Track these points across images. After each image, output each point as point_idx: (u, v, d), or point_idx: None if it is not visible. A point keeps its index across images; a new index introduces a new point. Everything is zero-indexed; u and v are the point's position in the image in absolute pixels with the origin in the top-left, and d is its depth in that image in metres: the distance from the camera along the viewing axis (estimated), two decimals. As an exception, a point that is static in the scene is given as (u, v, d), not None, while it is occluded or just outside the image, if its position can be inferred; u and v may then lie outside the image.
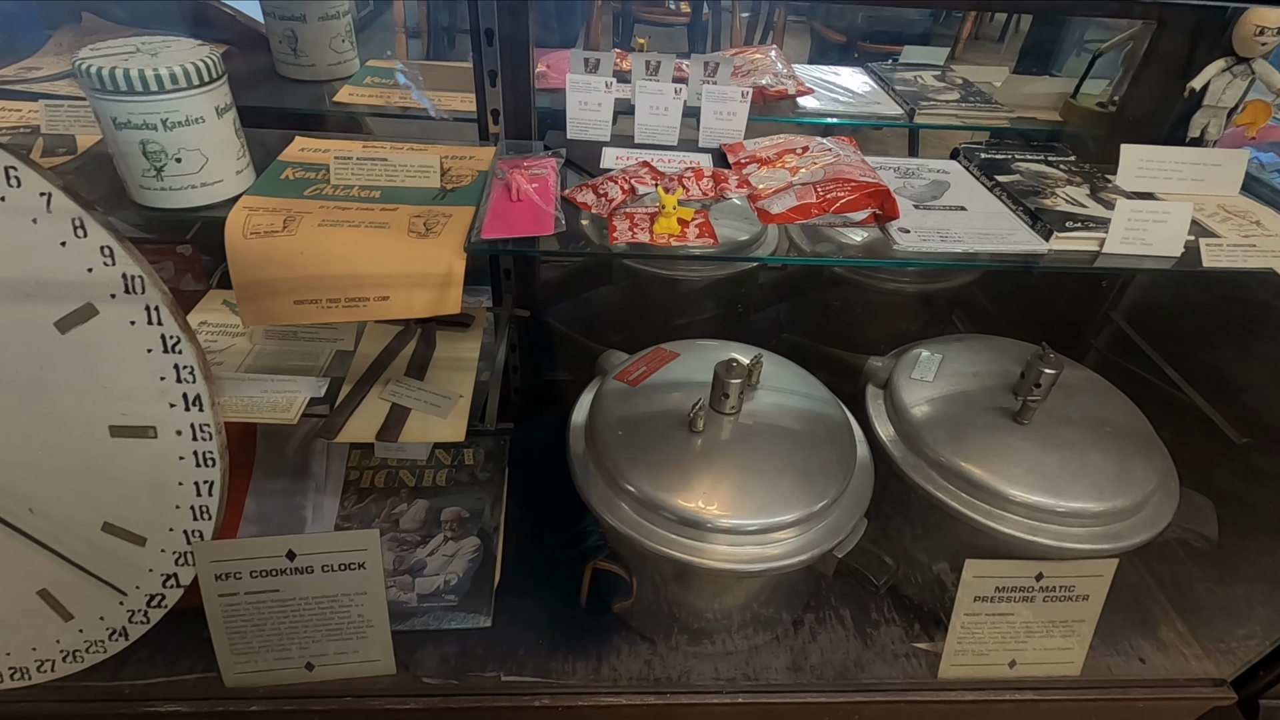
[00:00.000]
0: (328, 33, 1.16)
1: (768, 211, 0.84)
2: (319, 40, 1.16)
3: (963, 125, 1.24)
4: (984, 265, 0.82)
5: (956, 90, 1.33)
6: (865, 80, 1.40)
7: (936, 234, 0.86)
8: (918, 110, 1.23)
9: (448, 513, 1.21)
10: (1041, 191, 0.96)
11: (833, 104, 1.26)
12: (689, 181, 0.89)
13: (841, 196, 0.84)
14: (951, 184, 1.01)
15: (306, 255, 0.79)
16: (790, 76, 1.25)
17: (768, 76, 1.23)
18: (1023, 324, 1.34)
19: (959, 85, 1.36)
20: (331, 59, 1.19)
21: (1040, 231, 0.88)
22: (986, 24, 5.37)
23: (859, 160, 0.93)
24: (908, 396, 1.08)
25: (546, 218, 0.82)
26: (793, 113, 1.24)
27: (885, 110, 1.25)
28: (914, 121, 1.24)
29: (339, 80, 1.21)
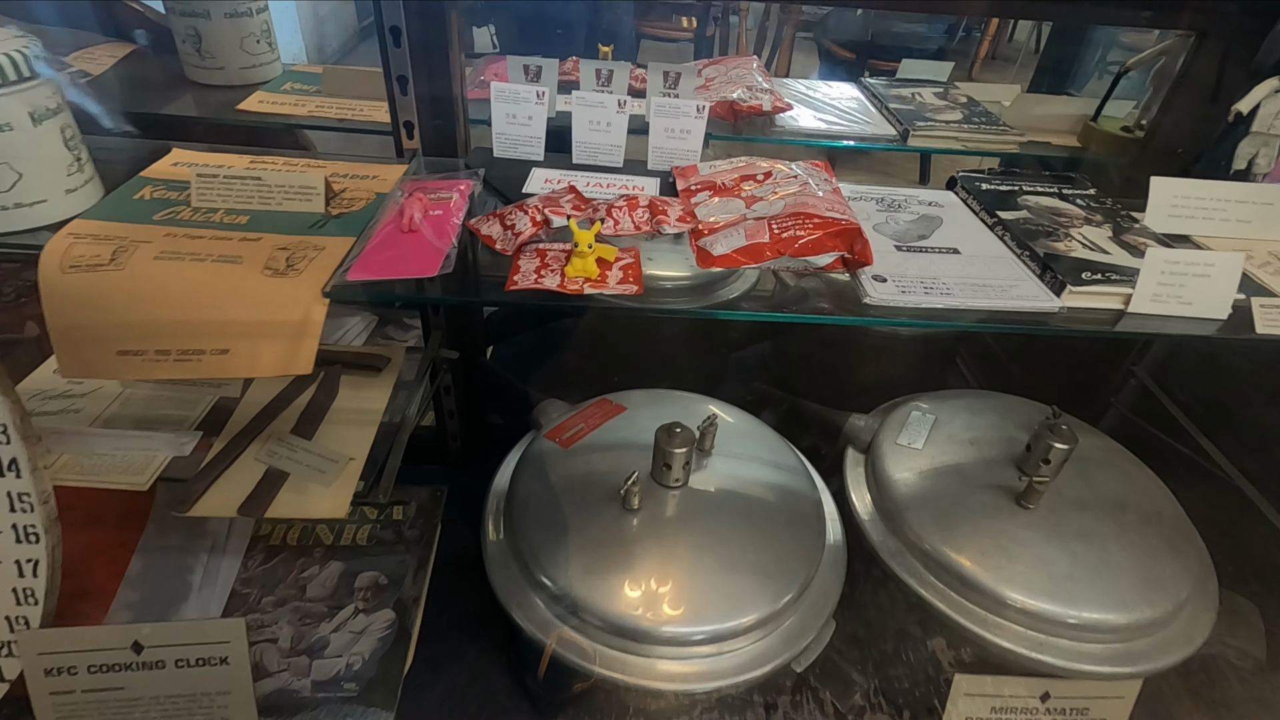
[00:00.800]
0: (238, 32, 1.02)
1: (709, 252, 0.68)
2: (227, 40, 1.02)
3: (964, 149, 1.08)
4: (974, 327, 0.65)
5: (959, 109, 1.17)
6: (856, 96, 1.24)
7: (919, 284, 0.70)
8: (912, 131, 1.07)
9: (364, 578, 1.05)
10: (1054, 232, 0.79)
11: (814, 122, 1.10)
12: (620, 212, 0.73)
13: (801, 235, 0.67)
14: (945, 220, 0.84)
15: (135, 295, 0.64)
16: (767, 90, 1.09)
17: (740, 90, 1.08)
18: (1036, 372, 1.17)
19: (962, 104, 1.19)
20: (243, 61, 1.05)
21: (1050, 284, 0.71)
22: (1005, 44, 5.20)
23: (830, 190, 0.77)
24: (892, 466, 0.91)
25: (434, 255, 0.67)
26: (768, 131, 1.08)
27: (875, 130, 1.09)
28: (907, 144, 1.07)
29: (254, 86, 1.07)
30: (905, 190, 0.91)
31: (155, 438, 0.82)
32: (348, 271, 0.64)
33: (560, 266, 0.68)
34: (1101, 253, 0.76)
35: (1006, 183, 0.91)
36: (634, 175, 0.88)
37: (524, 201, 0.73)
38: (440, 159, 0.90)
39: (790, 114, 1.09)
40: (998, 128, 1.10)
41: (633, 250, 0.72)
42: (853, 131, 1.08)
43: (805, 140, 1.07)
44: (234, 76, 1.05)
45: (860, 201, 0.86)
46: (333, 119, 0.99)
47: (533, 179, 0.85)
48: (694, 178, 0.85)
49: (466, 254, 0.69)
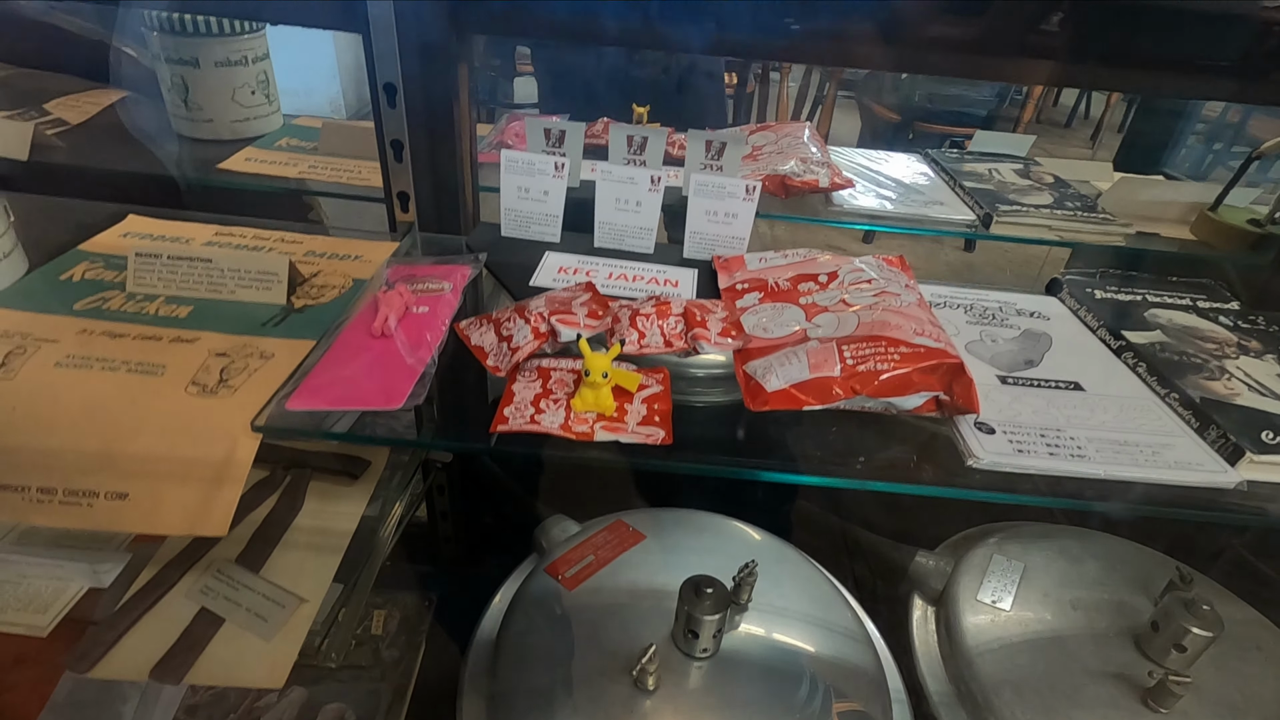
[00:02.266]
0: (229, 82, 0.91)
1: (760, 386, 0.52)
2: (217, 91, 0.91)
3: (1059, 240, 0.91)
4: (1123, 510, 0.48)
5: (1046, 190, 1.00)
6: (923, 171, 1.09)
7: (1039, 437, 0.52)
8: (996, 216, 0.90)
9: (328, 712, 0.88)
10: (1203, 365, 0.61)
11: (878, 201, 0.94)
12: (646, 321, 0.58)
13: (882, 369, 0.51)
14: (1054, 339, 0.67)
15: (21, 413, 0.50)
16: (824, 163, 0.95)
17: (792, 162, 0.93)
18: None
19: (1049, 184, 1.03)
20: (235, 114, 0.94)
21: (1218, 445, 0.53)
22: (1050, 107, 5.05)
23: (913, 300, 0.61)
24: (973, 634, 0.72)
25: (403, 377, 0.51)
26: (824, 211, 0.93)
27: (950, 214, 0.93)
28: (991, 231, 0.91)
29: (246, 140, 0.95)
30: (998, 295, 0.74)
31: (68, 565, 0.67)
32: (288, 397, 0.49)
33: (567, 395, 0.52)
34: (1274, 398, 0.58)
35: (1125, 289, 0.74)
36: (666, 265, 0.73)
37: (526, 303, 0.58)
38: (439, 236, 0.76)
39: (850, 191, 0.94)
40: (1097, 215, 0.93)
41: (661, 373, 0.56)
42: (923, 214, 0.92)
43: (869, 225, 0.91)
44: (224, 130, 0.94)
45: (945, 309, 0.70)
46: (324, 182, 0.87)
47: (545, 267, 0.70)
48: (740, 273, 0.69)
49: (448, 374, 0.54)
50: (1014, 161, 1.12)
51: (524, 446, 0.48)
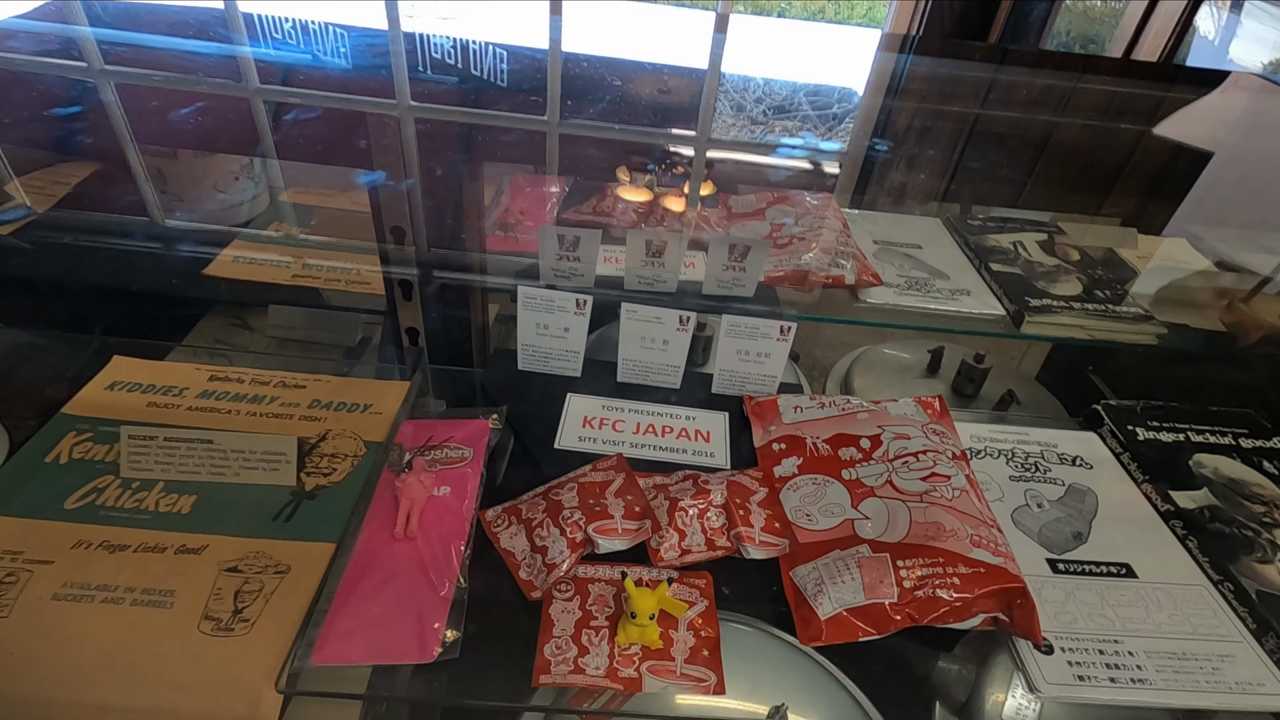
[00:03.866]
0: (210, 170, 0.84)
1: (815, 614, 0.49)
2: (196, 180, 0.84)
3: (1091, 340, 0.88)
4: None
5: (1075, 275, 0.97)
6: (946, 241, 1.04)
7: (1098, 655, 0.51)
8: (1028, 315, 0.87)
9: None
10: (1254, 539, 0.60)
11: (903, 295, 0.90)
12: (687, 517, 0.54)
13: (943, 598, 0.48)
14: (1099, 498, 0.65)
15: (18, 658, 0.46)
16: (849, 253, 0.90)
17: (814, 252, 0.89)
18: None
19: (1076, 264, 1.00)
20: (217, 203, 0.87)
21: (1279, 659, 0.52)
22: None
23: (963, 482, 0.58)
24: None
25: (430, 612, 0.48)
26: (850, 308, 0.89)
27: (980, 306, 0.90)
28: (1022, 330, 0.88)
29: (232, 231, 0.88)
30: (1037, 434, 0.71)
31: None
32: (313, 645, 0.46)
33: (609, 619, 0.49)
34: (1331, 588, 0.56)
35: (1167, 426, 0.72)
36: (694, 408, 0.69)
37: (558, 498, 0.55)
38: (451, 369, 0.71)
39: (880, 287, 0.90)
40: (1128, 310, 0.90)
41: (704, 579, 0.53)
42: (953, 310, 0.89)
43: (898, 324, 0.88)
44: (206, 218, 0.87)
45: (985, 459, 0.67)
46: (320, 285, 0.81)
47: (568, 419, 0.66)
48: (775, 426, 0.66)
49: (477, 591, 0.50)
50: (1037, 230, 1.08)
51: (563, 706, 0.45)
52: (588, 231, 0.80)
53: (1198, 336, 0.92)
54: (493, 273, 0.78)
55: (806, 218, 0.98)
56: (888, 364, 1.24)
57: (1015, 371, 1.25)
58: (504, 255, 0.82)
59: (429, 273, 0.65)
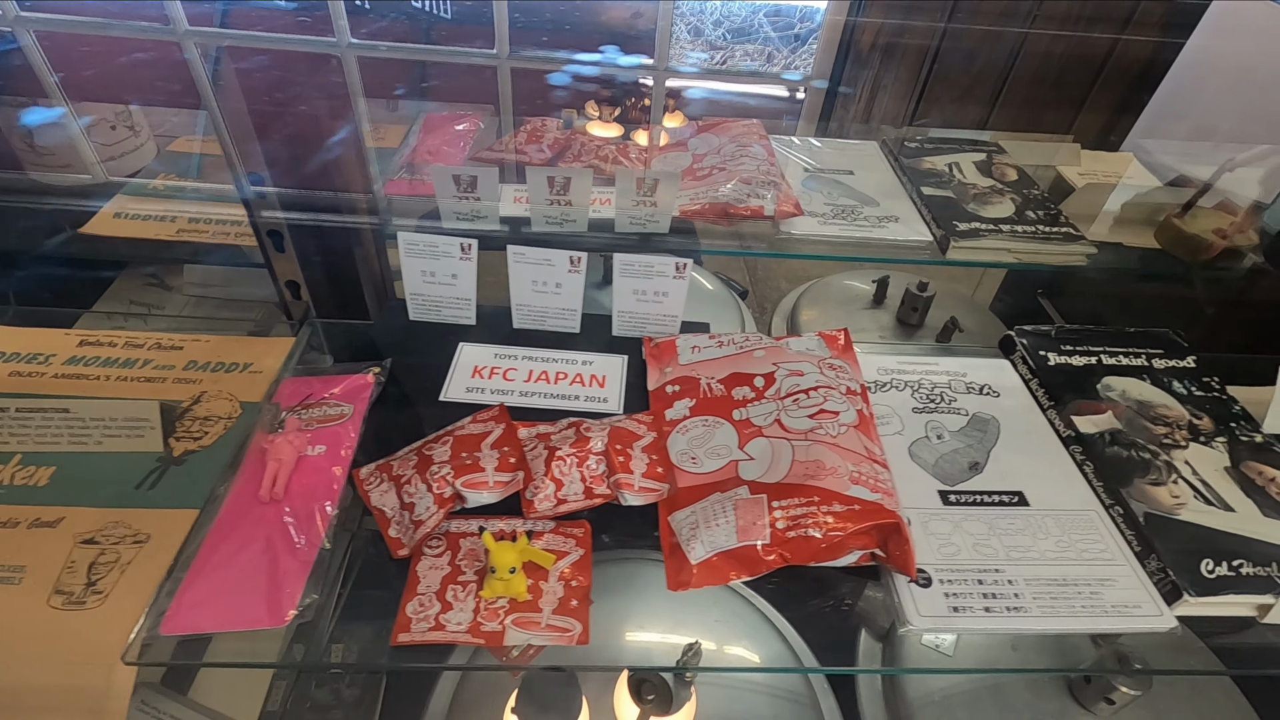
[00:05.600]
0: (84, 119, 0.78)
1: (685, 556, 0.48)
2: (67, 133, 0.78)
3: (1019, 263, 0.85)
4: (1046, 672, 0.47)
5: (1008, 195, 0.93)
6: (882, 165, 1.00)
7: (977, 587, 0.50)
8: (953, 239, 0.84)
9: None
10: (1150, 462, 0.59)
11: (828, 225, 0.87)
12: (565, 465, 0.53)
13: (814, 536, 0.47)
14: (1002, 426, 0.63)
15: None
16: (771, 181, 0.86)
17: (734, 183, 0.84)
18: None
19: (1012, 185, 0.96)
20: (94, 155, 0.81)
21: (1159, 581, 0.52)
22: None
23: (852, 418, 0.56)
24: (914, 683, 0.74)
25: (289, 577, 0.47)
26: (772, 241, 0.85)
27: (907, 234, 0.86)
28: (947, 256, 0.85)
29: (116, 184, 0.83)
30: (947, 364, 0.69)
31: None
32: (164, 616, 0.45)
33: (478, 574, 0.48)
34: (1221, 508, 0.56)
35: (1080, 348, 0.70)
36: (592, 353, 0.66)
37: (430, 453, 0.53)
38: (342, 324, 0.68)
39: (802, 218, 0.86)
40: (1059, 231, 0.87)
41: (582, 528, 0.52)
42: (878, 238, 0.85)
43: (817, 256, 0.85)
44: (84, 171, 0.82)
45: (890, 391, 0.66)
46: (206, 242, 0.77)
47: (458, 369, 0.64)
48: (671, 367, 0.63)
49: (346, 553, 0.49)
50: (976, 150, 1.04)
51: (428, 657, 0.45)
52: (484, 170, 0.75)
53: (1132, 255, 0.90)
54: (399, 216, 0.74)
55: (729, 147, 0.93)
56: (834, 296, 1.21)
57: (967, 298, 1.23)
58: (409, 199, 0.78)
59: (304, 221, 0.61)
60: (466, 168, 0.76)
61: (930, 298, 1.09)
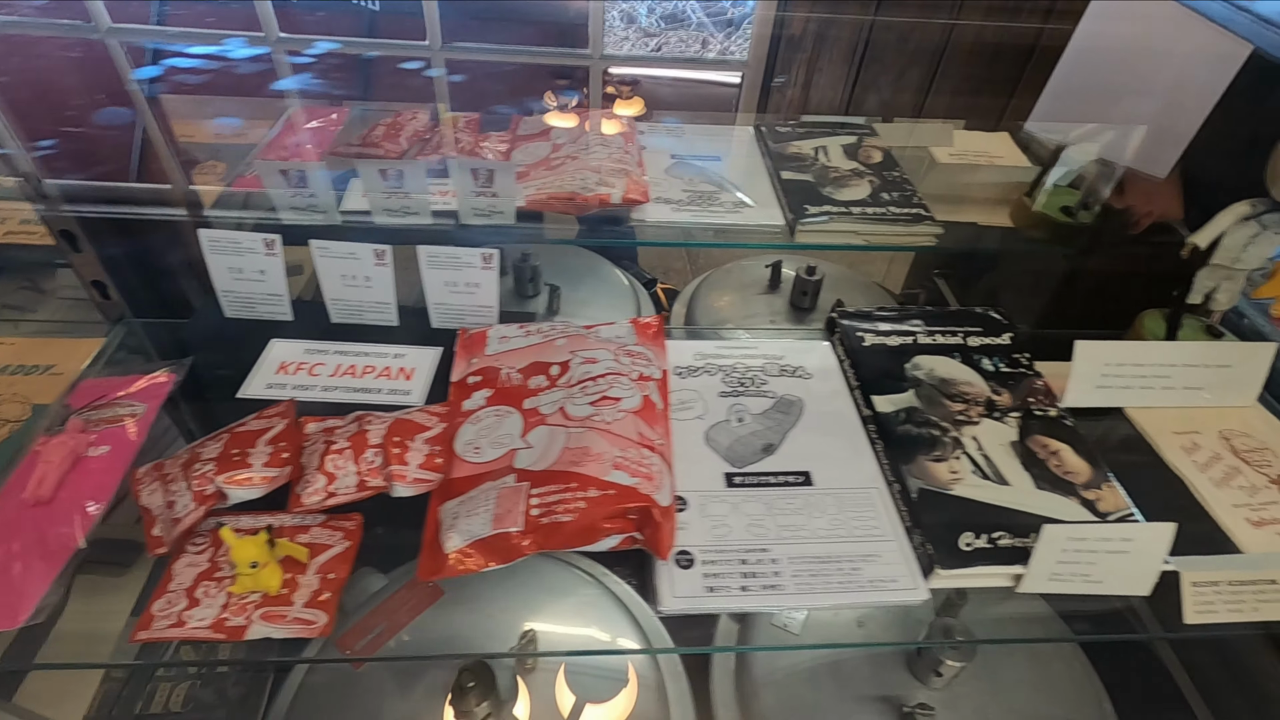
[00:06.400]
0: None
1: (439, 547, 0.49)
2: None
3: (866, 245, 0.86)
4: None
5: (867, 178, 0.94)
6: (757, 157, 1.00)
7: (739, 570, 0.51)
8: (800, 222, 0.85)
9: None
10: (938, 439, 0.60)
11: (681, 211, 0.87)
12: (340, 459, 0.53)
13: (564, 521, 0.48)
14: (806, 407, 0.64)
15: None
16: (623, 170, 0.86)
17: (585, 173, 0.84)
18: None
19: (875, 167, 0.96)
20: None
21: (920, 555, 0.53)
22: None
23: (636, 403, 0.57)
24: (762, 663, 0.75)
25: (34, 577, 0.47)
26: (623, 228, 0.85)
27: (759, 219, 0.86)
28: (795, 240, 0.85)
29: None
30: (767, 347, 0.70)
31: None
32: (-102, 621, 0.45)
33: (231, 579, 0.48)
34: (996, 482, 0.57)
35: (899, 328, 0.71)
36: (407, 345, 0.67)
37: (201, 449, 0.53)
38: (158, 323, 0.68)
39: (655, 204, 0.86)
40: (909, 212, 0.87)
41: (354, 521, 0.52)
42: (726, 224, 0.86)
43: (664, 243, 0.85)
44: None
45: (701, 376, 0.66)
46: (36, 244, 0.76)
47: (264, 364, 0.64)
48: (477, 358, 0.64)
49: (105, 557, 0.49)
50: (848, 134, 1.04)
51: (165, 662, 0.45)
52: (311, 165, 0.75)
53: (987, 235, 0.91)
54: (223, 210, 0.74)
55: (588, 136, 0.93)
56: (731, 283, 1.21)
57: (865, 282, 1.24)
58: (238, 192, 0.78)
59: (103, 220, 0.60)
60: (294, 163, 0.76)
61: (819, 281, 1.09)
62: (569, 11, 2.46)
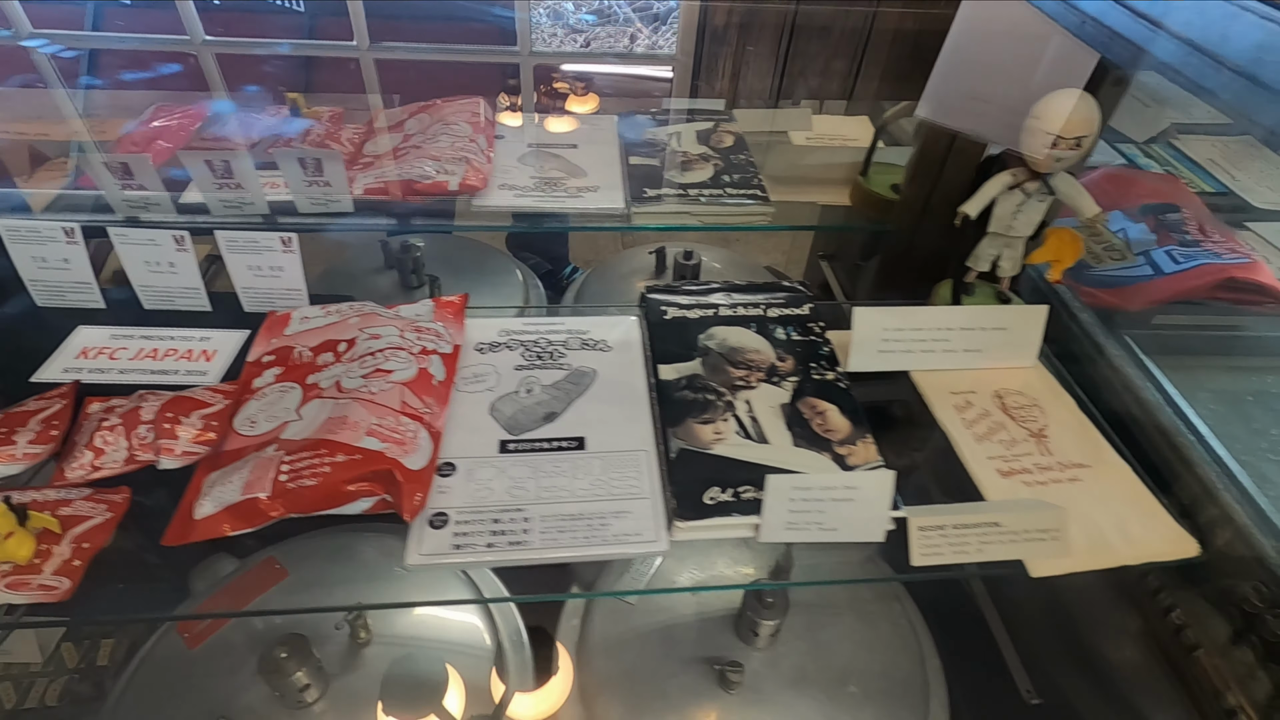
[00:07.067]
0: None
1: (189, 514, 0.51)
2: None
3: (701, 225, 0.89)
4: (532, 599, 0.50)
5: (713, 161, 0.97)
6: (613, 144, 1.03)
7: (490, 529, 0.53)
8: (635, 205, 0.87)
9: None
10: (711, 403, 0.63)
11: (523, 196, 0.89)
12: (110, 435, 0.55)
13: (308, 483, 0.50)
14: (599, 377, 0.67)
15: None
16: (463, 157, 0.88)
17: (425, 162, 0.86)
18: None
19: (723, 151, 0.99)
20: None
21: (670, 508, 0.55)
22: None
23: (410, 374, 0.59)
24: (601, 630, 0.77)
25: None
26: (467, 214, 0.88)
27: (601, 203, 0.89)
28: (633, 222, 0.88)
29: None
30: (573, 323, 0.73)
31: None
32: None
33: (-15, 546, 0.50)
34: (757, 441, 0.60)
35: (702, 302, 0.74)
36: (215, 329, 0.68)
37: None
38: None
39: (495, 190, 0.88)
40: (749, 191, 0.90)
41: (121, 494, 0.54)
42: (570, 208, 0.88)
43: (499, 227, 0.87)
44: None
45: (502, 351, 0.69)
46: None
47: (66, 350, 0.65)
48: (277, 339, 0.66)
49: None
50: (706, 120, 1.07)
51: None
52: (136, 158, 0.76)
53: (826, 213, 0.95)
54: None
55: (436, 126, 0.95)
56: (621, 269, 1.24)
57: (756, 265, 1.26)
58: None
59: None
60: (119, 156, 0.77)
61: (696, 265, 1.12)
62: (495, 8, 2.48)
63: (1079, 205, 0.66)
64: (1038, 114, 0.62)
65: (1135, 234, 0.96)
